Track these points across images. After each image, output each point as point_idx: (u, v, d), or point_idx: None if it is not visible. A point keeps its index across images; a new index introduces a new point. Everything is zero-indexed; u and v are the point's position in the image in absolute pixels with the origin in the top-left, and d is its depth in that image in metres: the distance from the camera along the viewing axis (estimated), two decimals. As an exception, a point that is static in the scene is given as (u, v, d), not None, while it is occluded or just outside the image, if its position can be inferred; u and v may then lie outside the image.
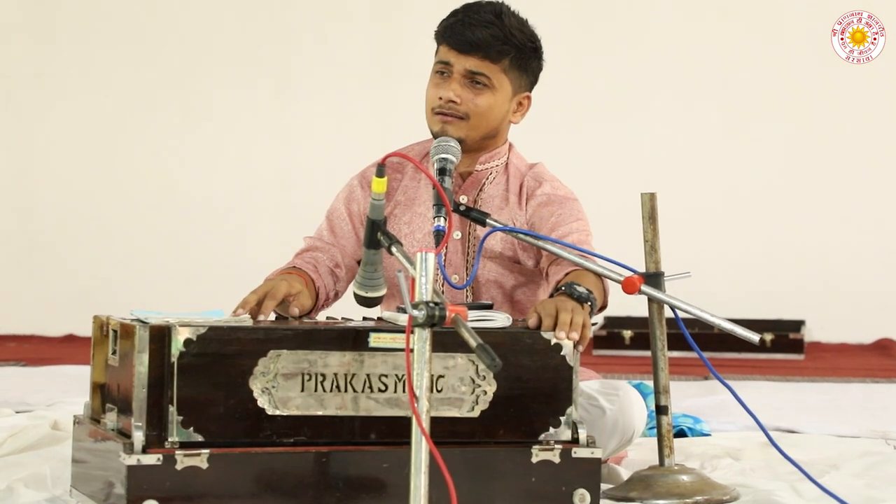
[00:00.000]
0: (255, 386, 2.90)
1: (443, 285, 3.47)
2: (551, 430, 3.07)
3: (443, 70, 3.46)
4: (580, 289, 3.17)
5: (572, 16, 7.52)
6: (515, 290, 3.55)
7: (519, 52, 3.46)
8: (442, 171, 3.35)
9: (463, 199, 3.52)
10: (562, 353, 3.07)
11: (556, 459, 3.06)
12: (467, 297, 3.52)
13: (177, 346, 2.84)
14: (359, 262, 3.55)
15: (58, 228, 7.72)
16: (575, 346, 3.07)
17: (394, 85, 7.48)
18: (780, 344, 6.97)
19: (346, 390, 2.96)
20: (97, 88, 7.72)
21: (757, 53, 7.53)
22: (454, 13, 3.49)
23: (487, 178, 3.56)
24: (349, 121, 7.62)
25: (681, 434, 4.28)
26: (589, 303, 3.17)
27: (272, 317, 3.24)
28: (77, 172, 7.72)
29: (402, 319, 2.99)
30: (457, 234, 3.53)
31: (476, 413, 3.03)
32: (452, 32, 3.44)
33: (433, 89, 3.48)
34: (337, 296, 3.56)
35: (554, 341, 3.06)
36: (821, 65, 7.29)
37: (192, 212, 7.72)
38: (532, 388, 3.06)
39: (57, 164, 7.73)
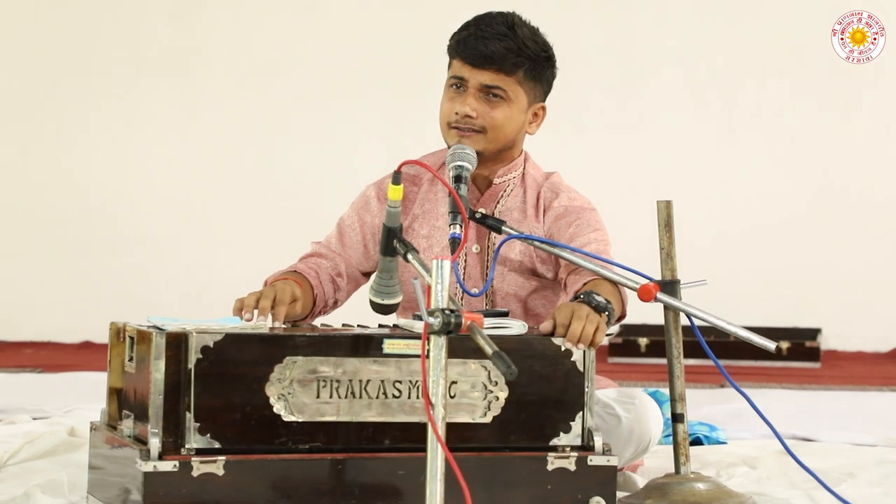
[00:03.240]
0: (272, 392, 2.90)
1: (462, 298, 3.46)
2: (562, 435, 3.07)
3: (457, 84, 3.44)
4: (599, 298, 3.16)
5: (590, 24, 7.52)
6: (534, 302, 3.53)
7: (533, 63, 3.42)
8: (458, 179, 3.34)
9: (481, 211, 3.50)
10: (572, 359, 3.07)
11: (572, 467, 3.06)
12: (486, 307, 3.51)
13: (193, 352, 2.85)
14: (363, 274, 3.55)
15: (74, 235, 7.73)
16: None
17: (408, 96, 7.48)
18: (797, 352, 6.96)
19: (360, 396, 2.96)
20: (105, 92, 7.74)
21: (771, 60, 7.52)
22: (466, 26, 3.45)
23: (504, 191, 3.53)
24: (361, 131, 7.63)
25: (697, 442, 4.28)
26: (607, 313, 3.17)
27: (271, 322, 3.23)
28: (93, 179, 7.74)
29: (418, 326, 3.00)
30: (475, 248, 3.51)
31: (488, 419, 3.04)
32: (466, 46, 3.40)
33: (448, 103, 3.45)
34: (336, 304, 3.54)
35: (564, 347, 3.07)
36: (830, 69, 7.28)
37: (208, 219, 7.73)
38: (543, 393, 3.06)
39: (73, 172, 7.75)
